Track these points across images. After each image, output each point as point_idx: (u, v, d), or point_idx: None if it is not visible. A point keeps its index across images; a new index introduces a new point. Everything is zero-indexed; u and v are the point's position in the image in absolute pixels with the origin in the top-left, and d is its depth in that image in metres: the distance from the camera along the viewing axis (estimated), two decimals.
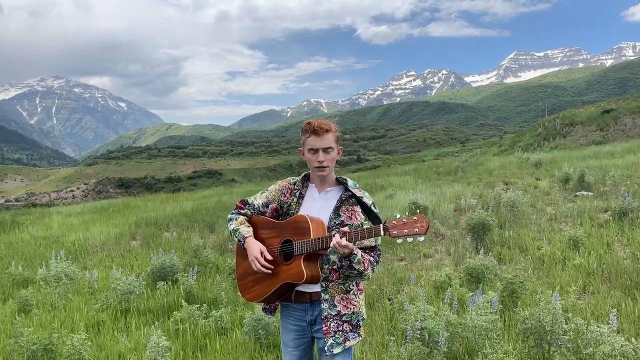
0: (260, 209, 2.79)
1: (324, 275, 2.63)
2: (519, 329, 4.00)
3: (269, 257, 2.62)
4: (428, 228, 2.37)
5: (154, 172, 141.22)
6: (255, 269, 2.61)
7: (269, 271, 2.61)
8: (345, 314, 2.63)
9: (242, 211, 2.82)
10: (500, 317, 4.75)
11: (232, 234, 2.76)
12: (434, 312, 4.18)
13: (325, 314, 2.62)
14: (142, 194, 27.03)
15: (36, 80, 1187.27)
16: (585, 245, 7.08)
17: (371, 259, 2.63)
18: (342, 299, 2.64)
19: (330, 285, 2.64)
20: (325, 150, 2.61)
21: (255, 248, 2.63)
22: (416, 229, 2.37)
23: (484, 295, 4.48)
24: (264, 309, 2.86)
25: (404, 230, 2.39)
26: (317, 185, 2.75)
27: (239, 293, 3.05)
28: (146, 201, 18.73)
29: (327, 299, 2.63)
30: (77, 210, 17.93)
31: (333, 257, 2.60)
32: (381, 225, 2.43)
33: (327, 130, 2.61)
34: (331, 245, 2.44)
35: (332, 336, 2.61)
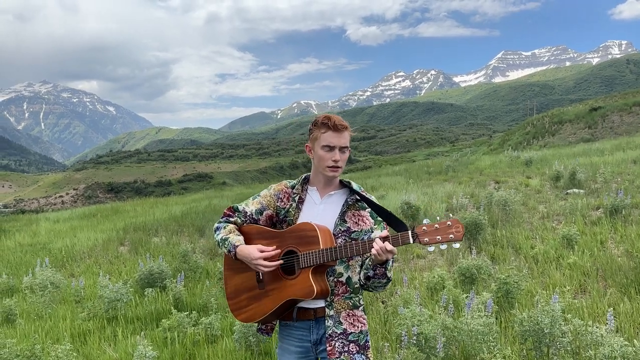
0: (253, 217, 2.46)
1: (330, 289, 2.35)
2: (516, 331, 3.91)
3: (271, 249, 2.31)
4: (464, 234, 2.12)
5: (144, 176, 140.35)
6: (265, 270, 2.30)
7: (280, 261, 2.30)
8: (351, 332, 2.36)
9: (231, 219, 2.48)
10: (496, 318, 4.66)
11: (220, 244, 2.42)
12: (428, 315, 4.08)
13: (330, 332, 2.34)
14: (132, 198, 26.79)
15: (23, 85, 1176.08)
16: (579, 244, 7.02)
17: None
18: (348, 315, 2.37)
19: (335, 299, 2.36)
20: (342, 149, 2.35)
21: (252, 251, 2.31)
22: (451, 235, 2.10)
23: (478, 297, 4.39)
24: (258, 330, 2.56)
25: (437, 237, 2.12)
26: (319, 189, 2.45)
27: (230, 313, 2.74)
28: (135, 206, 18.52)
29: (332, 315, 2.36)
30: (65, 216, 17.67)
31: (339, 269, 2.36)
32: (409, 232, 2.16)
33: (346, 128, 2.35)
34: (373, 251, 2.16)
35: (337, 357, 2.33)
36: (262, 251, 2.32)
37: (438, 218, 2.17)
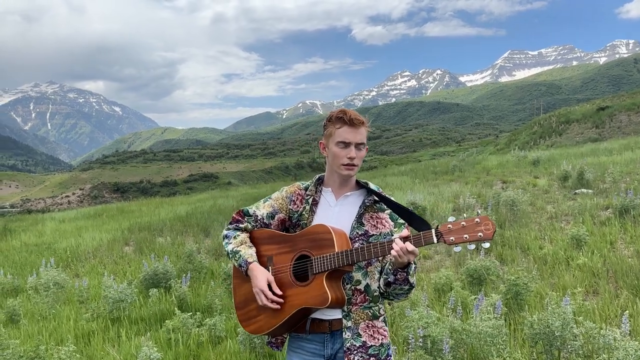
0: (264, 221, 2.31)
1: (346, 297, 2.19)
2: (526, 334, 3.83)
3: (279, 292, 2.16)
4: (495, 232, 1.93)
5: (150, 176, 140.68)
6: (260, 303, 2.15)
7: (278, 306, 2.15)
8: (371, 345, 2.19)
9: (240, 225, 2.32)
10: (505, 320, 4.58)
11: (230, 256, 2.26)
12: (436, 317, 4.00)
13: (348, 344, 2.17)
14: (138, 198, 26.84)
15: (30, 85, 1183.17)
16: (588, 244, 6.92)
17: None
18: (367, 326, 2.20)
19: (353, 309, 2.19)
20: (358, 146, 2.19)
21: (261, 277, 2.15)
22: (480, 234, 1.94)
23: (486, 299, 4.31)
24: (268, 343, 2.36)
25: (464, 235, 1.96)
26: (334, 190, 2.29)
27: (238, 323, 2.50)
28: (141, 206, 18.52)
29: (350, 326, 2.18)
30: (70, 216, 17.70)
31: (357, 275, 2.21)
32: (433, 231, 2.02)
33: (362, 123, 2.20)
34: (393, 252, 2.01)
35: None
36: (269, 283, 2.16)
37: (465, 215, 2.01)
